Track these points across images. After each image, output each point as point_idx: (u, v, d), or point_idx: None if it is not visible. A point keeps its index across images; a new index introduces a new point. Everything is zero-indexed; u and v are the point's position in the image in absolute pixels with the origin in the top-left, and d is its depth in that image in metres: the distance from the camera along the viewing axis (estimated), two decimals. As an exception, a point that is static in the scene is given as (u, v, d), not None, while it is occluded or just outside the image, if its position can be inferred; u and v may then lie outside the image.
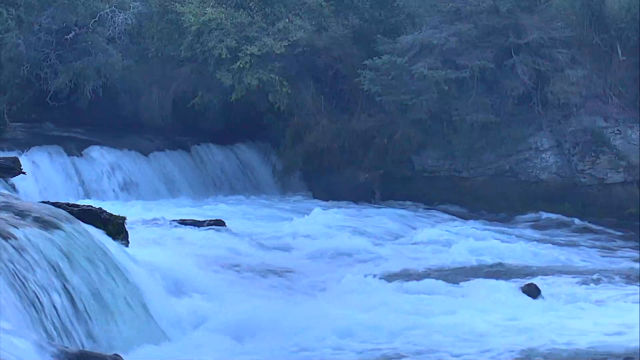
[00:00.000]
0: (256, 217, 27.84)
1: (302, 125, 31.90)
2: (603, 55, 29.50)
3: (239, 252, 21.73)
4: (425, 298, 17.44)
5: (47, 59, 31.97)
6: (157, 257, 18.07)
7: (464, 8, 29.92)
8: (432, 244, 23.86)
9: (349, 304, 16.58)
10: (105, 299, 13.54)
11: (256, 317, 15.00)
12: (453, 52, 29.57)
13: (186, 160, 32.51)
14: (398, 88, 29.66)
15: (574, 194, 29.27)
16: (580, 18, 29.44)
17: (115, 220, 15.83)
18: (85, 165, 30.40)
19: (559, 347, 14.59)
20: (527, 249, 23.39)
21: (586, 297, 18.22)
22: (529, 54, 29.57)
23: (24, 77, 31.98)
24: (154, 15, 33.17)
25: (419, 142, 30.50)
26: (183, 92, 32.83)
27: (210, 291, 16.83)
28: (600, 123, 29.29)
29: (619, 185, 29.11)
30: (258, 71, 30.96)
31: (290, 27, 31.41)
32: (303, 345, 14.22)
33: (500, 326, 15.55)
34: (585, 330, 15.44)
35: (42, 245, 13.23)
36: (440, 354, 14.23)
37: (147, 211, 26.18)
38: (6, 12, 31.48)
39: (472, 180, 30.36)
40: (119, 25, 32.36)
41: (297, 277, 19.62)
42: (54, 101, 32.27)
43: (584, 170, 29.29)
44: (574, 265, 21.91)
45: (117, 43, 32.57)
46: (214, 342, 13.90)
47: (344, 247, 22.94)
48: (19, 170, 17.77)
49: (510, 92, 29.61)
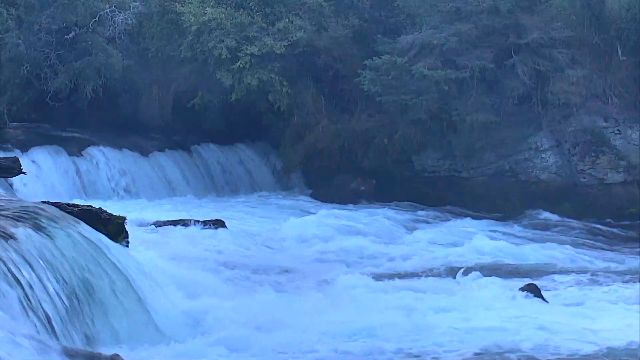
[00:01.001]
0: (256, 217, 27.84)
1: (302, 125, 31.90)
2: (603, 55, 29.50)
3: (239, 252, 21.75)
4: (424, 298, 17.43)
5: (47, 59, 31.97)
6: (157, 257, 18.09)
7: (464, 8, 29.92)
8: (432, 244, 23.87)
9: (349, 304, 16.57)
10: (104, 298, 13.54)
11: (256, 317, 15.01)
12: (453, 52, 29.56)
13: (186, 160, 32.51)
14: (398, 88, 29.65)
15: (574, 194, 29.27)
16: (580, 18, 29.44)
17: (115, 220, 15.83)
18: (85, 165, 30.41)
19: (558, 346, 14.59)
20: (527, 249, 23.40)
21: (586, 297, 18.24)
22: (529, 54, 29.57)
23: (24, 77, 31.97)
24: (154, 15, 33.16)
25: (419, 142, 30.51)
26: (183, 92, 32.82)
27: (210, 291, 16.82)
28: (600, 123, 29.30)
29: (619, 185, 29.11)
30: (258, 71, 30.96)
31: (290, 27, 31.41)
32: (303, 345, 14.22)
33: (499, 326, 15.54)
34: (585, 330, 15.43)
35: (42, 245, 13.23)
36: (439, 353, 14.24)
37: (147, 211, 26.20)
38: (6, 12, 31.46)
39: (472, 180, 30.36)
40: (119, 25, 32.36)
41: (297, 276, 19.63)
42: (54, 101, 32.26)
43: (584, 170, 29.30)
44: (573, 265, 21.91)
45: (117, 43, 32.56)
46: (214, 342, 13.90)
47: (344, 247, 22.96)
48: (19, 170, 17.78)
49: (510, 92, 29.62)
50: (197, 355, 13.42)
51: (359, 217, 27.47)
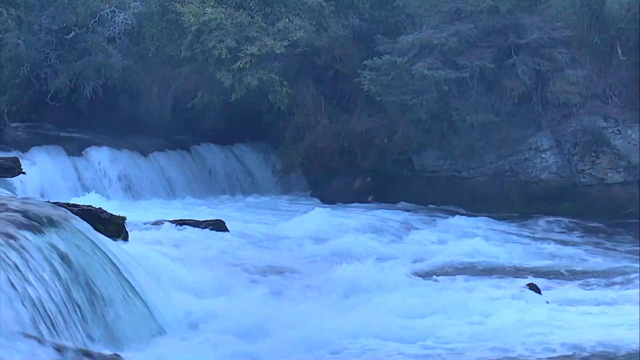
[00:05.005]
0: (256, 217, 27.85)
1: (302, 125, 31.91)
2: (603, 55, 29.49)
3: (239, 252, 21.76)
4: (424, 298, 17.41)
5: (47, 59, 31.97)
6: (157, 257, 18.11)
7: (464, 8, 29.91)
8: (432, 244, 23.87)
9: (349, 304, 16.58)
10: (104, 298, 13.55)
11: (255, 317, 15.01)
12: (453, 52, 29.56)
13: (186, 160, 32.52)
14: (398, 88, 29.64)
15: (574, 194, 29.28)
16: (580, 18, 29.42)
17: (115, 220, 15.84)
18: (85, 165, 30.42)
19: (559, 347, 14.59)
20: (527, 248, 23.40)
21: (586, 297, 18.22)
22: (529, 54, 29.57)
23: (24, 77, 31.94)
24: (154, 15, 33.14)
25: (419, 142, 30.51)
26: (183, 92, 32.81)
27: (210, 291, 16.85)
28: (600, 123, 29.30)
29: (619, 185, 29.12)
30: (258, 71, 30.96)
31: (290, 27, 31.41)
32: (303, 345, 14.23)
33: (499, 326, 15.54)
34: (585, 330, 15.43)
35: (42, 245, 13.24)
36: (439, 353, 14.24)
37: (147, 211, 26.20)
38: (6, 12, 31.44)
39: (472, 180, 30.37)
40: (119, 25, 32.35)
41: (296, 276, 19.62)
42: (54, 101, 32.25)
43: (584, 170, 29.30)
44: (574, 265, 21.89)
45: (117, 43, 32.55)
46: (214, 342, 13.90)
47: (344, 246, 22.94)
48: (19, 170, 17.80)
49: (510, 92, 29.61)
50: (198, 354, 13.43)
51: (359, 217, 27.47)
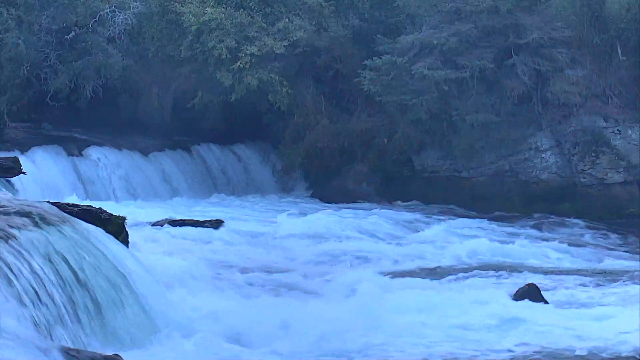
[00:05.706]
0: (255, 216, 27.84)
1: (302, 125, 31.92)
2: (603, 55, 29.50)
3: (238, 252, 21.77)
4: (424, 298, 17.41)
5: (47, 59, 31.98)
6: (157, 257, 18.11)
7: (464, 8, 29.92)
8: (432, 244, 23.86)
9: (349, 304, 16.57)
10: (104, 298, 13.54)
11: (255, 316, 15.01)
12: (453, 52, 29.56)
13: (186, 160, 32.52)
14: (398, 88, 29.66)
15: (574, 194, 29.28)
16: (580, 18, 29.44)
17: (115, 220, 15.81)
18: (85, 165, 30.42)
19: (559, 347, 14.60)
20: (527, 249, 23.39)
21: (586, 297, 18.23)
22: (529, 54, 29.58)
23: (24, 77, 31.96)
24: (154, 15, 33.16)
25: (419, 142, 30.52)
26: (183, 92, 32.83)
27: (209, 291, 16.85)
28: (600, 123, 29.30)
29: (619, 185, 29.12)
30: (258, 71, 30.97)
31: (290, 27, 31.42)
32: (303, 345, 14.23)
33: (499, 326, 15.55)
34: (585, 330, 15.44)
35: (42, 245, 13.23)
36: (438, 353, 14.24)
37: (146, 211, 26.19)
38: (6, 12, 31.45)
39: (472, 180, 30.37)
40: (119, 25, 32.37)
41: (296, 276, 19.63)
42: (54, 101, 32.27)
43: (584, 170, 29.30)
44: (573, 265, 21.91)
45: (117, 43, 32.57)
46: (213, 342, 13.90)
47: (344, 247, 22.97)
48: (19, 170, 17.81)
49: (510, 92, 29.62)
50: (198, 354, 13.43)
51: (359, 217, 27.46)
